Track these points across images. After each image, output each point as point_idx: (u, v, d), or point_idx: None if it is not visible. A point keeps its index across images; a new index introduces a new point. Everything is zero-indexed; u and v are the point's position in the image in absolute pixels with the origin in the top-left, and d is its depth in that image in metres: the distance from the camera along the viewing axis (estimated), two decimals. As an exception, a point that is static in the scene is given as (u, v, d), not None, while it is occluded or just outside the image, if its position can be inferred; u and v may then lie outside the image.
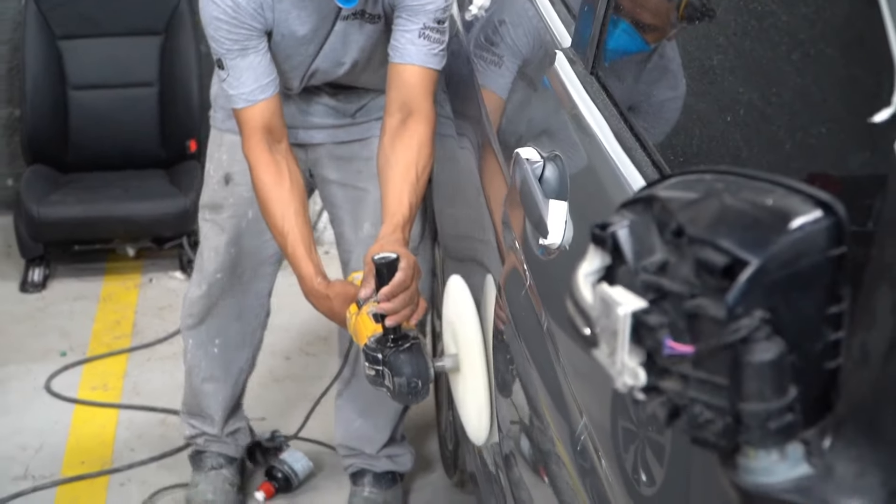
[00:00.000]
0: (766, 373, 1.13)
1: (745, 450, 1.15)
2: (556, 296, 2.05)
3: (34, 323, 4.59)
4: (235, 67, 3.09)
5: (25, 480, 3.69)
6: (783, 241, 1.13)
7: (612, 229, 1.24)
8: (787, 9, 1.63)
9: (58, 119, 5.12)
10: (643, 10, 2.16)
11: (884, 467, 1.08)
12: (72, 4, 5.08)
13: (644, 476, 1.55)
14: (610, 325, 1.21)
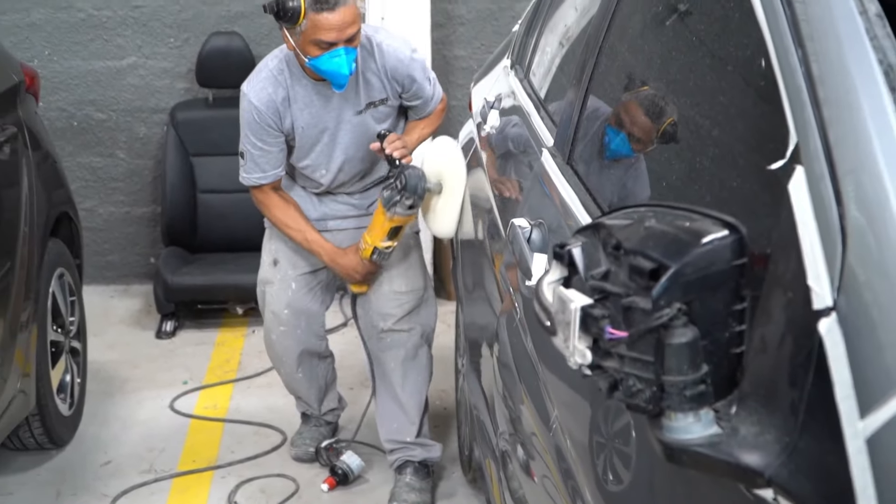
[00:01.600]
0: (683, 352, 1.12)
1: (668, 413, 1.16)
2: (538, 325, 2.02)
3: (164, 361, 4.60)
4: (257, 157, 3.28)
5: (149, 473, 3.70)
6: (696, 251, 1.14)
7: (569, 248, 1.27)
8: (710, 97, 1.62)
9: (189, 214, 5.14)
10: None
11: (778, 428, 1.07)
12: (201, 132, 5.10)
13: (611, 476, 1.51)
14: (565, 318, 1.23)
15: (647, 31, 2.06)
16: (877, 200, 1.06)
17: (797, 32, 1.29)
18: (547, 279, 1.27)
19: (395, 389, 3.47)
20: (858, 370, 0.99)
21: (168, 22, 5.20)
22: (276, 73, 3.21)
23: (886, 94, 1.14)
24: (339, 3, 2.96)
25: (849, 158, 1.12)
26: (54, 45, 5.18)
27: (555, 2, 3.10)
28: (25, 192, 3.51)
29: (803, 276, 1.08)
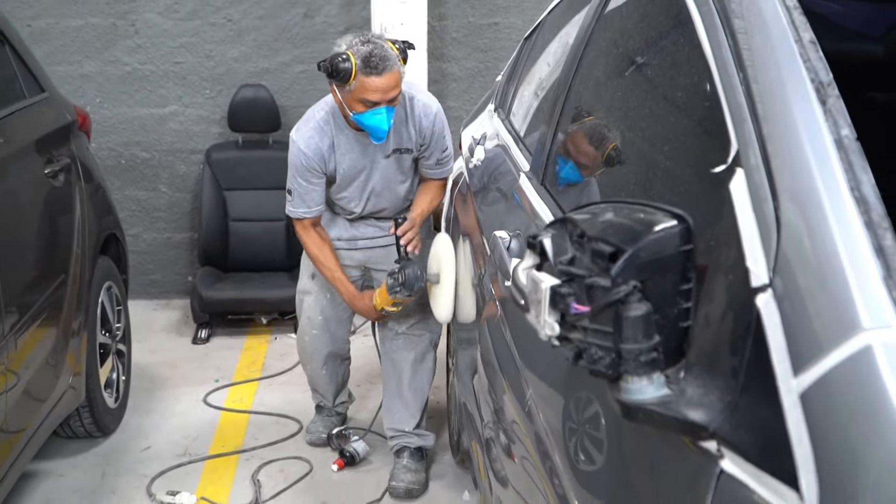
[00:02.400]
0: (638, 324, 1.10)
1: (625, 377, 1.14)
2: (515, 319, 2.01)
3: (199, 362, 4.58)
4: (301, 194, 3.27)
5: (184, 457, 3.68)
6: (649, 237, 1.13)
7: (540, 238, 1.24)
8: (663, 118, 1.61)
9: (221, 239, 5.12)
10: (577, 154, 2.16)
11: (720, 389, 1.05)
12: (232, 170, 5.09)
13: (576, 471, 1.49)
14: (537, 297, 1.21)
15: (607, 73, 2.06)
16: (808, 196, 1.05)
17: (739, 59, 1.29)
18: (522, 266, 1.25)
19: (403, 386, 3.45)
20: (791, 337, 0.97)
21: (204, 76, 5.21)
22: (322, 123, 3.19)
23: (818, 106, 1.13)
24: (387, 68, 2.95)
25: (784, 161, 1.11)
26: (104, 94, 5.18)
27: (531, 57, 3.11)
28: (78, 215, 3.50)
29: (743, 260, 1.07)
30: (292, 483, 3.46)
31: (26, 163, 3.19)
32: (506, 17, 5.28)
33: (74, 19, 5.11)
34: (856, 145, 1.09)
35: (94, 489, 3.41)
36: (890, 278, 0.94)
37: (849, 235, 0.99)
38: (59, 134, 3.53)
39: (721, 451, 1.02)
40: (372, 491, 3.41)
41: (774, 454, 0.94)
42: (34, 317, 3.02)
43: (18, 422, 2.92)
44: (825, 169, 1.06)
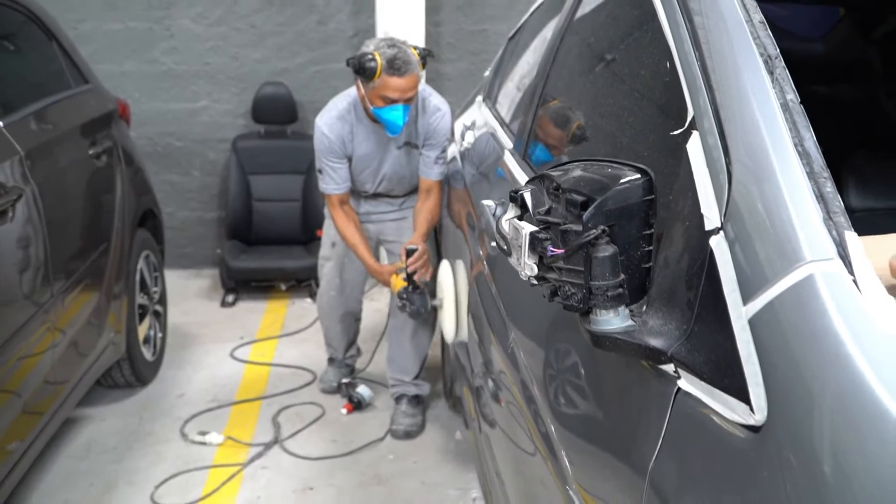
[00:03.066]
0: (605, 263, 1.08)
1: (594, 310, 1.10)
2: (499, 275, 1.99)
3: (227, 323, 4.54)
4: (329, 174, 3.22)
5: (213, 402, 3.66)
6: (616, 188, 1.11)
7: (521, 192, 1.21)
8: (629, 92, 1.59)
9: (246, 216, 5.08)
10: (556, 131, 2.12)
11: (677, 319, 1.04)
12: (255, 156, 5.06)
13: (554, 401, 1.48)
14: (517, 242, 1.18)
15: (581, 62, 2.04)
16: (756, 151, 1.03)
17: (695, 39, 1.27)
18: (504, 217, 1.23)
19: (406, 342, 3.43)
20: (741, 271, 0.95)
21: (231, 75, 5.16)
22: (344, 112, 3.17)
23: (766, 76, 1.11)
24: (408, 71, 2.95)
25: (735, 123, 1.09)
26: (143, 90, 5.12)
27: (514, 54, 3.07)
28: (119, 192, 3.46)
29: (698, 208, 1.05)
30: (307, 424, 3.45)
31: (72, 145, 3.15)
32: (493, 25, 5.25)
33: (116, 23, 5.06)
34: (799, 108, 1.07)
35: (132, 431, 3.39)
36: (829, 219, 0.92)
37: (793, 183, 0.97)
38: (102, 120, 3.49)
39: (678, 372, 1.01)
40: (375, 430, 3.40)
41: (726, 372, 0.92)
42: (79, 280, 2.99)
43: (63, 373, 2.89)
44: (772, 128, 1.04)
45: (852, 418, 0.77)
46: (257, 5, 5.08)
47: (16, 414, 2.56)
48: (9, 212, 2.44)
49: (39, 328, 2.66)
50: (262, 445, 3.27)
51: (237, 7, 5.07)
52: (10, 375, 2.52)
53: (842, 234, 0.90)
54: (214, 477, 3.07)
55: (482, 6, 5.22)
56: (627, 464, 1.08)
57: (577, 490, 1.28)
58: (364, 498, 2.96)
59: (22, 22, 3.27)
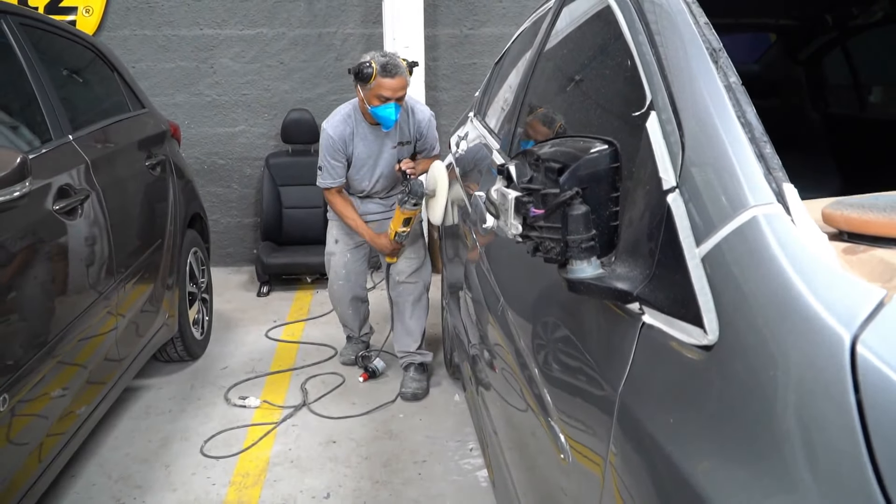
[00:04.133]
0: (579, 220, 1.06)
1: (571, 261, 1.08)
2: (489, 251, 1.95)
3: (262, 309, 4.50)
4: (330, 169, 3.21)
5: (252, 373, 3.61)
6: (586, 157, 1.08)
7: (507, 166, 1.18)
8: (598, 88, 1.55)
9: (277, 222, 5.04)
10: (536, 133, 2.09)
11: (641, 266, 1.02)
12: (285, 171, 5.02)
13: (538, 352, 1.44)
14: (504, 206, 1.15)
15: (555, 73, 2.01)
16: (705, 124, 1.01)
17: (651, 39, 1.25)
18: (493, 188, 1.20)
19: (406, 319, 3.39)
20: (694, 220, 0.93)
21: (264, 104, 5.13)
22: (346, 116, 3.17)
23: (712, 64, 1.09)
24: (398, 73, 2.98)
25: (686, 103, 1.07)
26: (191, 118, 5.10)
27: (499, 76, 3.05)
28: (171, 198, 3.43)
29: (657, 173, 1.02)
30: (330, 390, 3.40)
31: (130, 157, 3.12)
32: (482, 59, 5.23)
33: (167, 63, 5.04)
34: (741, 88, 1.05)
35: (183, 397, 3.36)
36: (769, 174, 0.90)
37: (737, 146, 0.95)
38: (156, 138, 3.46)
39: (642, 309, 0.98)
40: (387, 395, 3.35)
41: (683, 304, 0.90)
42: (137, 271, 2.95)
43: (124, 350, 2.86)
44: (718, 104, 1.02)
45: (792, 328, 0.75)
46: (285, 46, 5.05)
47: (83, 383, 2.53)
48: (78, 209, 2.41)
49: (102, 311, 2.62)
50: (293, 408, 3.23)
51: (269, 48, 5.05)
52: (78, 351, 2.48)
53: (780, 185, 0.88)
54: (253, 433, 3.03)
55: (472, 44, 5.20)
56: (601, 390, 1.05)
57: (557, 422, 1.25)
58: (378, 449, 2.92)
59: (91, 58, 3.25)
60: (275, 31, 5.04)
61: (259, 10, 5.00)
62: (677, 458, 0.81)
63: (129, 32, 4.97)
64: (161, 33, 4.99)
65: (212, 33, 5.01)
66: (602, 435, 1.00)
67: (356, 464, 2.81)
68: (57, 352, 2.24)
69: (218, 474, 2.75)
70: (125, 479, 2.72)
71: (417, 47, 4.79)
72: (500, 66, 3.16)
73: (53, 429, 2.27)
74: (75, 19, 4.87)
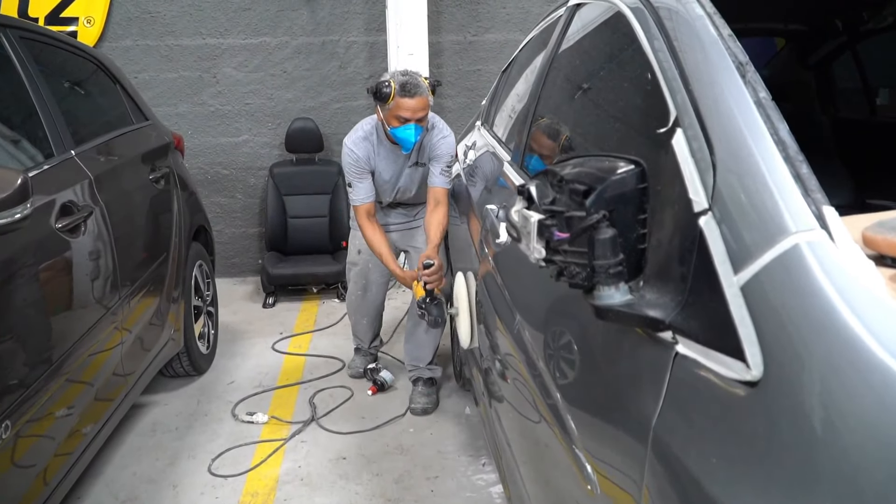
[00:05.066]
0: (606, 244, 1.01)
1: (598, 287, 1.02)
2: (503, 266, 1.91)
3: (268, 321, 4.46)
4: (357, 186, 3.07)
5: (259, 387, 3.57)
6: (613, 178, 1.03)
7: (527, 186, 1.13)
8: (619, 103, 1.51)
9: (282, 231, 5.00)
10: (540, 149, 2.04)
11: (672, 292, 0.97)
12: (289, 180, 4.99)
13: (559, 374, 1.39)
14: (527, 229, 1.10)
15: (570, 85, 1.97)
16: (738, 143, 0.97)
17: (674, 52, 1.21)
18: (514, 209, 1.16)
19: (421, 334, 3.31)
20: (730, 245, 0.88)
21: (267, 113, 5.10)
22: (368, 134, 3.07)
23: (739, 79, 1.05)
24: (417, 94, 2.87)
25: (716, 120, 1.02)
26: (195, 128, 5.07)
27: (507, 84, 3.01)
28: (175, 211, 3.39)
29: (686, 193, 0.98)
30: (339, 404, 3.35)
31: (134, 170, 3.08)
32: (486, 66, 5.19)
33: (170, 73, 5.00)
34: (772, 104, 1.01)
35: (190, 413, 3.31)
36: (808, 196, 0.85)
37: (773, 167, 0.90)
38: (160, 151, 3.43)
39: (675, 338, 0.94)
40: (397, 408, 3.31)
41: (721, 335, 0.85)
42: (143, 286, 2.91)
43: (131, 366, 2.82)
44: (749, 122, 0.98)
45: (842, 366, 0.70)
46: (289, 54, 5.02)
47: (89, 401, 2.49)
48: (81, 227, 2.37)
49: (108, 327, 2.59)
50: (301, 423, 3.18)
51: (272, 56, 5.02)
52: (84, 369, 2.45)
53: (820, 208, 0.84)
54: (261, 450, 2.98)
55: (476, 50, 5.16)
56: (630, 424, 1.00)
57: (582, 451, 1.21)
58: (389, 465, 2.87)
59: (92, 70, 3.21)
60: (278, 39, 5.01)
61: (262, 19, 4.96)
62: (721, 499, 0.77)
63: (131, 43, 4.94)
64: (164, 43, 4.96)
65: (215, 42, 4.98)
66: (634, 469, 0.95)
67: (367, 481, 2.76)
68: (64, 370, 2.21)
69: (226, 494, 2.70)
70: (132, 501, 2.68)
71: (421, 54, 4.75)
72: (507, 74, 3.12)
73: (60, 449, 2.23)
74: (77, 30, 4.84)
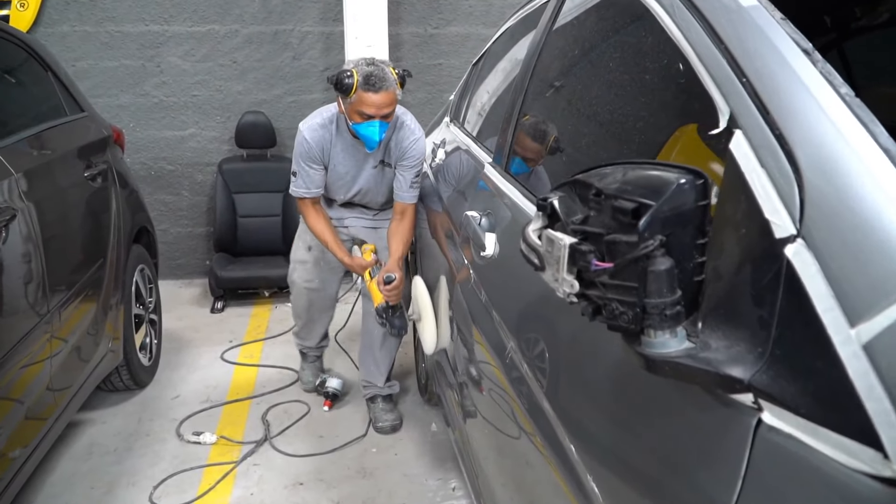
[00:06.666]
0: (663, 278, 0.78)
1: (648, 332, 0.79)
2: (491, 282, 1.68)
3: (217, 327, 4.15)
4: (303, 176, 2.79)
5: (207, 403, 3.28)
6: (672, 191, 0.78)
7: (551, 199, 0.89)
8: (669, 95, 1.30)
9: (232, 231, 4.70)
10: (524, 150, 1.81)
11: (747, 341, 0.75)
12: (239, 177, 4.69)
13: (576, 426, 1.17)
14: (554, 255, 0.86)
15: (572, 75, 1.75)
16: (828, 151, 0.76)
17: (716, 36, 1.00)
18: (531, 227, 0.93)
19: (375, 350, 3.01)
20: (838, 285, 0.67)
21: (216, 105, 4.79)
22: (327, 122, 2.72)
23: (810, 65, 0.84)
24: (383, 87, 2.53)
25: (793, 119, 0.81)
26: (137, 120, 4.73)
27: (480, 77, 2.80)
28: (114, 211, 3.09)
29: (759, 212, 0.77)
30: (294, 422, 3.08)
31: (68, 167, 2.77)
32: (447, 60, 4.97)
33: (110, 61, 4.65)
34: (858, 101, 0.80)
35: (131, 433, 3.01)
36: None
37: (889, 183, 0.70)
38: (97, 145, 3.11)
39: (758, 403, 0.72)
40: (357, 425, 3.06)
41: (834, 408, 0.64)
42: (76, 294, 2.62)
43: (64, 380, 2.53)
44: (843, 123, 0.77)
45: None
46: (239, 44, 4.72)
47: (19, 421, 2.21)
48: (1, 232, 2.08)
49: (40, 339, 2.30)
50: (254, 443, 2.91)
51: (221, 46, 4.71)
52: (13, 385, 2.16)
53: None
54: (209, 475, 2.71)
55: (437, 44, 4.94)
56: (694, 501, 0.79)
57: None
58: (351, 491, 2.63)
59: (23, 57, 2.89)
60: (227, 27, 4.70)
61: (209, 6, 4.65)
62: None
63: (68, 28, 4.58)
64: (103, 29, 4.61)
65: (158, 29, 4.65)
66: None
67: (327, 509, 2.52)
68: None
69: (170, 527, 2.43)
70: (63, 536, 2.39)
71: (381, 46, 4.50)
72: (479, 68, 2.91)
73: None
74: (9, 14, 4.46)
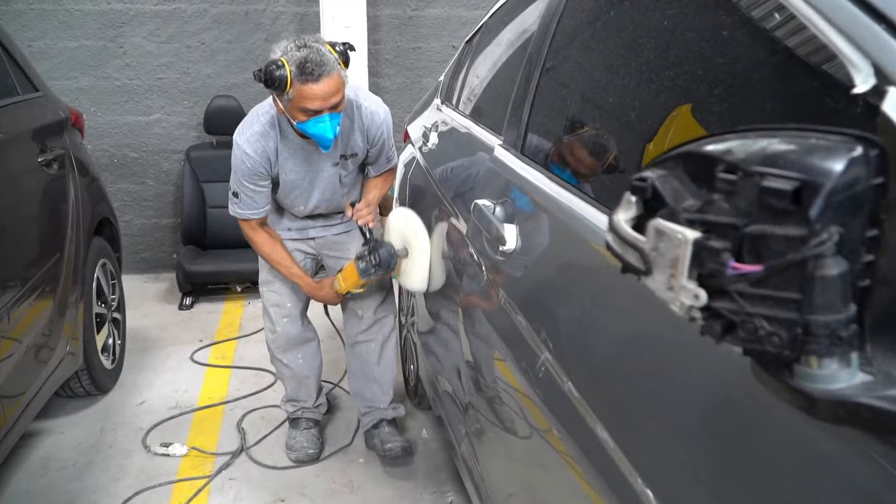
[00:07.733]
0: (836, 286, 0.53)
1: (809, 359, 0.54)
2: (511, 280, 1.45)
3: (185, 325, 3.87)
4: (249, 196, 2.33)
5: (175, 409, 3.01)
6: (848, 166, 0.54)
7: (651, 180, 0.65)
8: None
9: (201, 222, 4.42)
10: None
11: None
12: (208, 165, 4.39)
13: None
14: (670, 255, 0.61)
15: (602, 32, 1.52)
16: None
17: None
18: (622, 217, 0.69)
19: (372, 369, 2.61)
20: None
21: (183, 89, 4.49)
22: (267, 127, 2.24)
23: None
24: (324, 74, 2.04)
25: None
26: (98, 104, 4.41)
27: (476, 54, 2.56)
28: (72, 201, 2.80)
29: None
30: (272, 429, 2.82)
31: (20, 152, 2.49)
32: (427, 43, 4.72)
33: (70, 41, 4.33)
34: None
35: (92, 444, 2.73)
36: None
37: None
38: (53, 128, 2.82)
39: None
40: (342, 432, 2.82)
41: None
42: (30, 291, 2.35)
43: (17, 386, 2.26)
44: None
45: None
46: (207, 24, 4.42)
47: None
48: (-62, 223, 1.80)
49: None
50: (229, 455, 2.65)
51: (188, 26, 4.41)
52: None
53: None
54: (180, 492, 2.44)
55: (416, 26, 4.69)
56: None
57: None
58: (337, 507, 2.39)
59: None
60: (194, 7, 4.40)
61: (176, -18, 4.35)
62: None
63: (24, 6, 4.26)
64: (62, 7, 4.29)
65: (121, 8, 4.34)
66: None
67: (311, 529, 2.28)
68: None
69: (136, 552, 2.17)
70: (14, 566, 2.12)
71: (359, 28, 4.25)
72: (472, 46, 2.67)
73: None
74: (-45, -12, 4.12)
